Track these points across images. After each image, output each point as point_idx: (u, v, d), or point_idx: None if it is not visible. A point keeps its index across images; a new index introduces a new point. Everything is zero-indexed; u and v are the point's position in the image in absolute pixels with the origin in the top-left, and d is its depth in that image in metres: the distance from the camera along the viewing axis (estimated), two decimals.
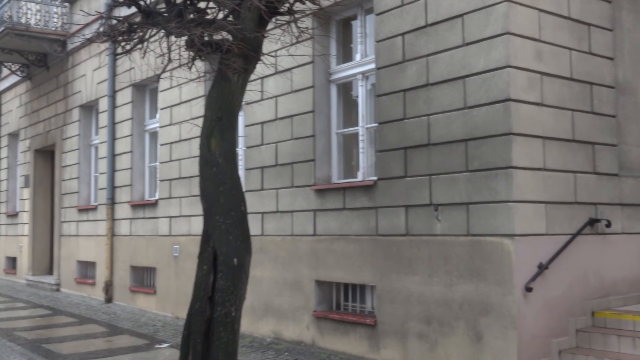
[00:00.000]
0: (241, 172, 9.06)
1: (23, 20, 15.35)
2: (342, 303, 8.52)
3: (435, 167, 6.96)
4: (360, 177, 8.26)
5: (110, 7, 6.84)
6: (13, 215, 19.09)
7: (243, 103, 6.93)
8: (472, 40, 6.68)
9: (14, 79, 18.91)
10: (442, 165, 6.89)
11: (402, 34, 7.43)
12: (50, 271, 17.18)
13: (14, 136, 19.62)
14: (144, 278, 12.72)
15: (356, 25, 8.63)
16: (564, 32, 6.97)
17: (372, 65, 8.07)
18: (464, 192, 6.66)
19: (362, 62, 8.43)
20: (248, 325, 9.12)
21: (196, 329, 5.43)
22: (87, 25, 14.11)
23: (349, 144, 8.82)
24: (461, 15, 6.79)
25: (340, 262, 8.09)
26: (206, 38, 5.62)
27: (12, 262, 19.25)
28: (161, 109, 12.03)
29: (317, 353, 8.15)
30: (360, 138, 8.35)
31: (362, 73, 8.41)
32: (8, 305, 13.78)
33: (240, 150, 9.74)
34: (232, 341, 5.42)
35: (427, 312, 6.97)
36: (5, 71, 19.27)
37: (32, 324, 11.16)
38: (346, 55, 8.86)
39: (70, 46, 15.57)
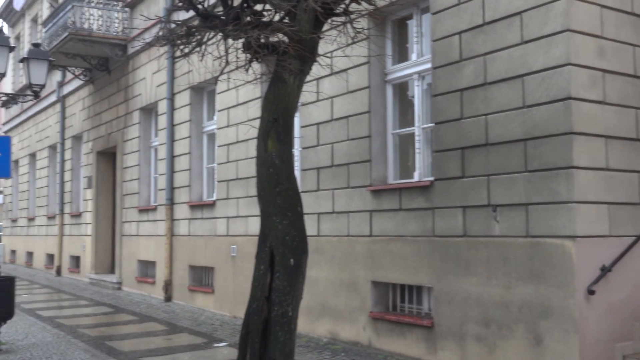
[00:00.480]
0: (297, 173, 9.10)
1: (86, 26, 15.79)
2: (398, 304, 8.48)
3: (493, 167, 6.86)
4: (416, 177, 8.20)
5: (169, 11, 6.97)
6: (77, 215, 19.64)
7: (299, 104, 6.96)
8: (531, 38, 6.56)
9: (77, 83, 19.46)
10: (501, 166, 6.79)
11: (459, 33, 7.35)
12: (112, 270, 17.60)
13: (77, 138, 20.18)
14: (202, 277, 12.91)
15: (412, 24, 8.58)
16: (627, 28, 6.78)
17: (429, 65, 8.01)
18: (523, 192, 6.54)
19: (418, 62, 8.37)
20: (304, 325, 9.16)
21: (254, 329, 5.48)
22: (146, 29, 14.42)
23: (405, 144, 8.77)
24: (520, 13, 6.68)
25: (397, 263, 8.05)
26: (263, 40, 5.66)
27: (75, 261, 19.80)
28: (218, 110, 12.20)
29: (373, 354, 8.13)
30: (417, 138, 8.30)
31: (418, 73, 8.35)
32: (72, 302, 14.20)
33: (296, 151, 9.79)
34: (289, 341, 5.44)
35: (486, 314, 6.87)
36: (69, 75, 19.84)
37: (95, 322, 11.45)
38: (402, 55, 8.82)
39: (130, 50, 15.93)
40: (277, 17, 6.15)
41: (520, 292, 6.53)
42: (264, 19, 5.95)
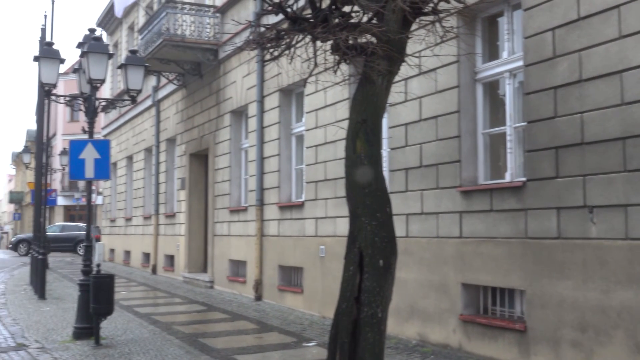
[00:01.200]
0: (386, 174, 9.07)
1: (179, 32, 16.29)
2: (489, 307, 8.31)
3: (590, 167, 6.62)
4: (508, 178, 8.01)
5: (259, 16, 7.08)
6: (171, 215, 20.27)
7: (387, 105, 6.94)
8: (629, 33, 6.29)
9: (171, 87, 20.10)
10: (597, 165, 6.54)
11: (552, 29, 7.14)
12: (204, 269, 18.06)
13: (171, 141, 20.83)
14: (291, 277, 13.07)
15: (503, 22, 8.39)
16: None
17: (520, 63, 7.82)
18: (622, 193, 6.28)
19: (509, 60, 8.18)
20: (393, 326, 9.12)
21: (343, 329, 5.50)
22: (237, 34, 14.74)
23: (496, 144, 8.58)
24: (617, 7, 6.42)
25: (488, 265, 7.89)
26: (351, 41, 5.68)
27: (170, 260, 20.44)
28: (307, 112, 12.32)
29: (464, 358, 8.00)
30: (508, 138, 8.11)
31: (510, 71, 8.16)
32: (167, 300, 14.67)
33: (385, 151, 9.76)
34: (378, 342, 5.44)
35: (582, 319, 6.64)
36: (163, 80, 20.53)
37: (188, 319, 11.79)
38: (492, 53, 8.64)
39: (221, 54, 16.32)
40: (365, 18, 6.15)
41: (619, 297, 6.27)
42: (352, 20, 5.97)
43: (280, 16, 6.46)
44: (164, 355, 8.33)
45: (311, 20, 5.94)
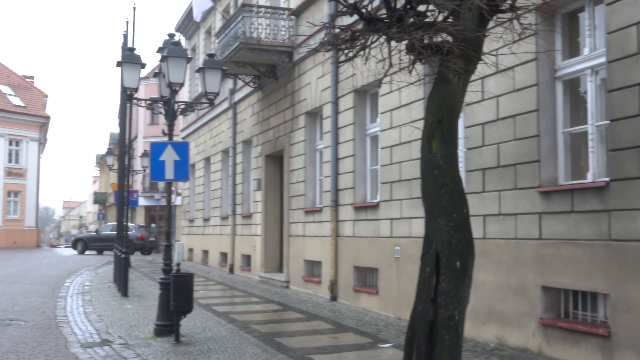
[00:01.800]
0: (462, 174, 8.94)
1: (255, 35, 16.54)
2: (570, 311, 8.07)
3: None
4: (590, 178, 7.76)
5: (334, 17, 7.10)
6: (247, 216, 20.59)
7: (463, 104, 6.84)
8: None
9: (247, 90, 20.42)
10: None
11: (637, 24, 6.88)
12: (280, 269, 18.26)
13: (247, 143, 21.16)
14: (366, 278, 13.05)
15: (584, 17, 8.14)
16: None
17: (603, 59, 7.57)
18: None
19: (590, 56, 7.93)
20: (470, 329, 8.98)
21: (419, 331, 5.46)
22: (311, 36, 14.84)
23: (577, 143, 8.33)
24: None
25: (569, 268, 7.67)
26: (426, 41, 5.63)
27: (247, 259, 20.76)
28: (381, 113, 12.28)
29: None
30: (590, 137, 7.85)
31: (591, 68, 7.90)
32: (244, 299, 14.91)
33: (461, 152, 9.62)
34: (455, 345, 5.37)
35: None
36: (240, 83, 20.87)
37: (264, 318, 11.95)
38: (573, 50, 8.39)
39: (296, 56, 16.46)
40: (440, 17, 6.09)
41: None
42: (428, 20, 5.92)
43: (355, 17, 6.47)
44: (242, 353, 8.47)
45: (386, 20, 5.92)
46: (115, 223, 41.67)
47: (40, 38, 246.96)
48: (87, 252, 37.62)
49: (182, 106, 12.13)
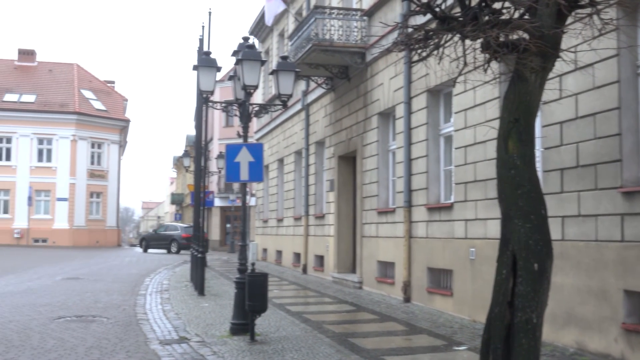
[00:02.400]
0: (539, 174, 8.74)
1: (327, 37, 16.62)
2: None
3: None
4: None
5: (407, 17, 7.06)
6: (320, 216, 20.70)
7: (541, 103, 6.68)
8: None
9: (319, 91, 20.53)
10: None
11: None
12: (353, 269, 18.27)
13: (320, 144, 21.27)
14: (440, 280, 12.91)
15: None
16: None
17: None
18: None
19: None
20: (549, 333, 8.75)
21: (496, 334, 5.37)
22: (384, 36, 14.79)
23: None
24: None
25: None
26: (502, 39, 5.54)
27: (320, 260, 20.87)
28: (455, 112, 12.13)
29: None
30: None
31: None
32: (317, 299, 14.99)
33: (538, 151, 9.40)
34: (533, 349, 5.25)
35: None
36: (312, 84, 21.01)
37: (338, 318, 11.98)
38: None
39: (368, 57, 16.45)
40: (516, 14, 5.97)
41: None
42: (503, 17, 5.82)
43: (428, 16, 6.42)
44: (315, 353, 8.52)
45: (460, 18, 5.85)
46: (169, 223, 45.88)
47: (120, 44, 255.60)
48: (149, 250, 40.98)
49: (256, 108, 12.31)
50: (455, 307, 11.85)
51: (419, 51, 6.34)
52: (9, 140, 48.06)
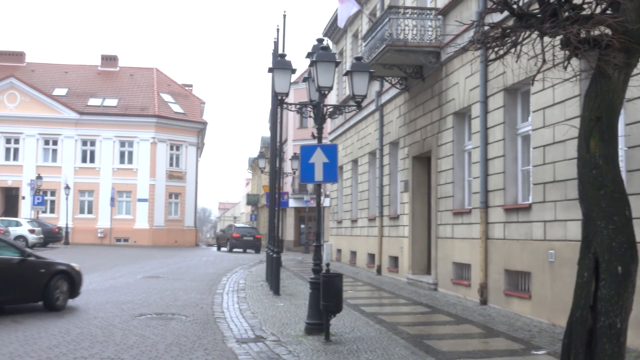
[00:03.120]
0: (623, 174, 8.44)
1: (401, 37, 16.53)
2: None
3: None
4: None
5: (483, 15, 6.96)
6: (394, 217, 20.60)
7: (624, 100, 6.45)
8: None
9: (393, 91, 20.44)
10: None
11: None
12: (427, 271, 18.10)
13: (394, 144, 21.18)
14: (518, 282, 12.64)
15: None
16: None
17: None
18: None
19: None
20: (634, 338, 8.42)
21: (577, 339, 5.22)
22: (459, 35, 14.60)
23: None
24: None
25: None
26: (583, 35, 5.39)
27: (394, 261, 20.77)
28: (533, 111, 11.85)
29: None
30: None
31: None
32: (391, 300, 14.93)
33: (621, 150, 9.08)
34: (617, 355, 5.08)
35: None
36: (386, 85, 20.94)
37: (413, 320, 11.89)
38: None
39: (443, 56, 16.26)
40: (598, 9, 5.80)
41: None
42: (584, 13, 5.65)
43: (506, 13, 6.30)
44: (390, 354, 8.49)
45: (539, 15, 5.73)
46: (235, 224, 49.16)
47: (198, 48, 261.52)
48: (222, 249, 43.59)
49: (331, 109, 12.36)
50: (533, 311, 11.57)
51: (496, 49, 6.24)
52: (92, 143, 49.93)
